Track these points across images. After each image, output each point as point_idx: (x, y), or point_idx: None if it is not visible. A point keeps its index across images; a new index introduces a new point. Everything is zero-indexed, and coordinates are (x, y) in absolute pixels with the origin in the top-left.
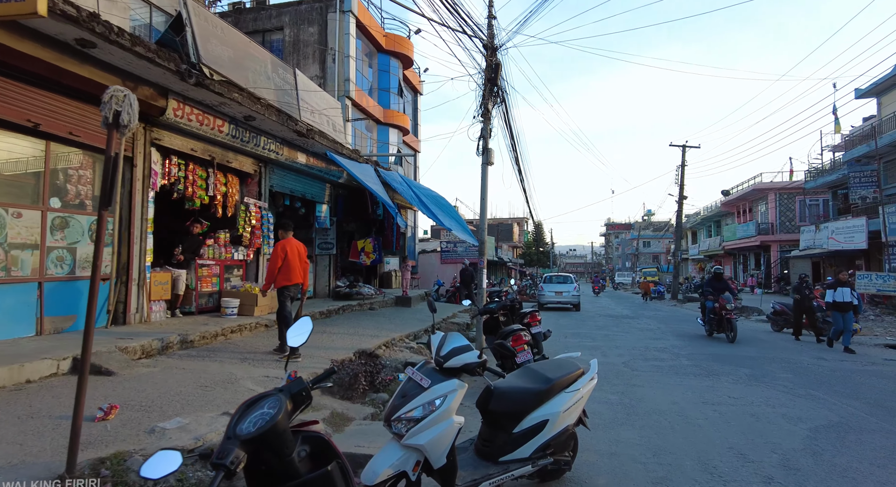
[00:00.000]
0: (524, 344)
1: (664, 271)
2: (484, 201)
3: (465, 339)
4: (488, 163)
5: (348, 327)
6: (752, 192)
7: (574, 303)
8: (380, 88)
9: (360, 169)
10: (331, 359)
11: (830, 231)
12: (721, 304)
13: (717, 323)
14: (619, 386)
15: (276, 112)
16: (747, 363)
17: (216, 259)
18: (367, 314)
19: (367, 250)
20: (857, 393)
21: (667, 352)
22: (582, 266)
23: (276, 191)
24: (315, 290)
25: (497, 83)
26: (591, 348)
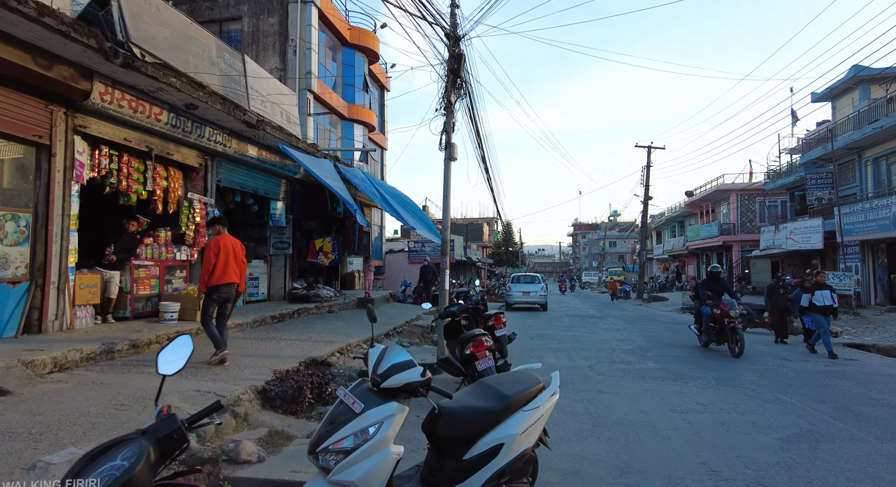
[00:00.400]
0: (485, 350)
1: (629, 270)
2: (447, 198)
3: (406, 354)
4: (451, 158)
5: (301, 332)
6: (715, 193)
7: (541, 303)
8: (344, 83)
9: (317, 164)
10: (273, 370)
11: (789, 231)
12: (723, 310)
13: (716, 332)
14: (584, 392)
15: (221, 100)
16: (713, 365)
17: (156, 259)
18: (325, 317)
19: (326, 250)
20: (823, 397)
21: (633, 354)
22: (550, 265)
23: (224, 186)
24: (269, 293)
25: (460, 74)
26: (557, 350)
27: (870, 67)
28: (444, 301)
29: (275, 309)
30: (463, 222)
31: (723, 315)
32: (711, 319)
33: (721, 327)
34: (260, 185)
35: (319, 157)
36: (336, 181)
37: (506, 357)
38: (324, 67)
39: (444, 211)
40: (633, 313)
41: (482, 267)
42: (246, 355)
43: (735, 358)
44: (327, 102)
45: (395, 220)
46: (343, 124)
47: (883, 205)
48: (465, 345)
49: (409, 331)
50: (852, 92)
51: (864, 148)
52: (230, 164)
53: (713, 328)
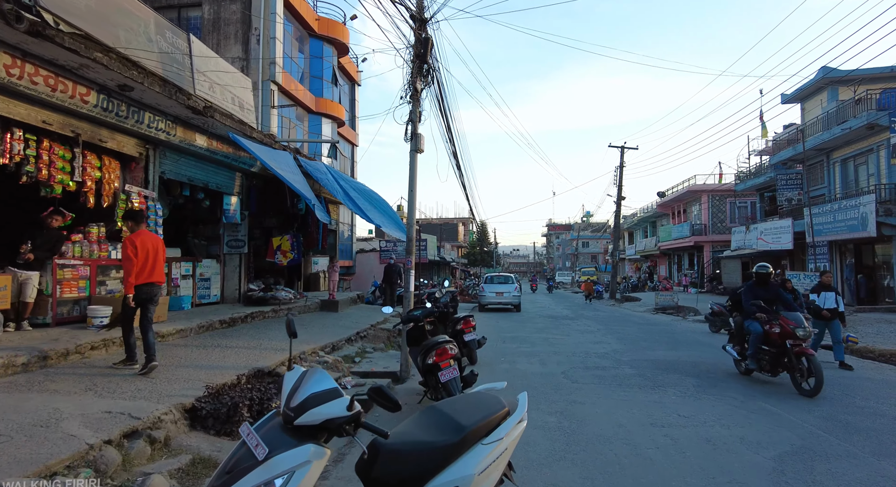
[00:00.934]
0: (450, 359)
1: (602, 271)
2: (412, 193)
3: (330, 380)
4: (417, 149)
5: (251, 338)
6: (687, 194)
7: (515, 304)
8: (312, 76)
9: (273, 155)
10: (205, 385)
11: (759, 232)
12: (785, 330)
13: (771, 359)
14: (558, 403)
15: (160, 82)
16: (691, 370)
17: (86, 258)
18: (282, 322)
19: (285, 248)
20: (811, 405)
21: (608, 358)
22: (525, 265)
23: (169, 178)
24: (223, 295)
25: (427, 60)
26: (530, 354)
27: (838, 69)
28: (409, 303)
29: (226, 312)
30: (438, 222)
31: (784, 335)
32: (765, 340)
33: (779, 352)
34: (211, 178)
35: (277, 149)
36: (295, 175)
37: (475, 363)
38: (290, 59)
39: (410, 206)
40: (607, 314)
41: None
42: (181, 365)
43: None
44: (293, 95)
45: None
46: (310, 118)
47: (852, 206)
48: (427, 354)
49: (373, 336)
50: (821, 93)
51: (832, 149)
52: (176, 155)
53: (767, 353)
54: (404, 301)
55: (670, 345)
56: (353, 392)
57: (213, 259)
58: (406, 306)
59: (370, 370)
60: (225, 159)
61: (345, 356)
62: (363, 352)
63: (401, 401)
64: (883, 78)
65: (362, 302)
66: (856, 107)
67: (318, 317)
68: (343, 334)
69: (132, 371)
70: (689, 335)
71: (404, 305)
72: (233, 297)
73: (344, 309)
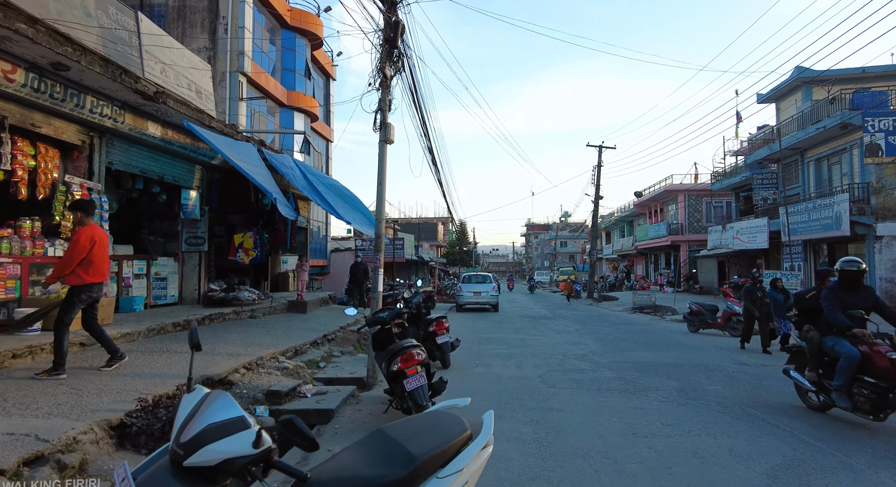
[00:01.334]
0: (416, 366)
1: (580, 270)
2: (381, 187)
3: (235, 407)
4: (387, 140)
5: (206, 342)
6: (664, 194)
7: (493, 304)
8: (284, 68)
9: (234, 147)
10: (137, 398)
11: (735, 231)
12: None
13: (879, 396)
14: (533, 410)
15: (100, 61)
16: (672, 372)
17: (16, 256)
18: (244, 324)
19: (247, 246)
20: (797, 411)
21: (587, 360)
22: (504, 265)
23: (119, 169)
24: (181, 295)
25: (397, 45)
26: (506, 356)
27: (812, 69)
28: (378, 304)
29: (182, 314)
30: (418, 221)
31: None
32: (866, 368)
33: (890, 387)
34: (168, 171)
35: (240, 140)
36: (258, 168)
37: (448, 366)
38: (260, 50)
39: (378, 201)
40: (585, 313)
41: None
42: (118, 374)
43: (691, 366)
44: (263, 87)
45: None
46: (282, 112)
47: (826, 205)
48: (392, 359)
49: (342, 338)
50: (795, 93)
51: (806, 148)
52: (125, 144)
53: (869, 386)
54: (372, 301)
55: (649, 346)
56: (313, 400)
57: (170, 257)
58: (374, 307)
59: (335, 376)
60: (182, 150)
61: (309, 360)
62: (329, 356)
63: (366, 411)
64: (855, 78)
65: (334, 303)
66: (830, 106)
67: (284, 319)
68: (309, 337)
69: (58, 381)
70: (667, 335)
71: (372, 306)
72: (192, 298)
73: (313, 311)
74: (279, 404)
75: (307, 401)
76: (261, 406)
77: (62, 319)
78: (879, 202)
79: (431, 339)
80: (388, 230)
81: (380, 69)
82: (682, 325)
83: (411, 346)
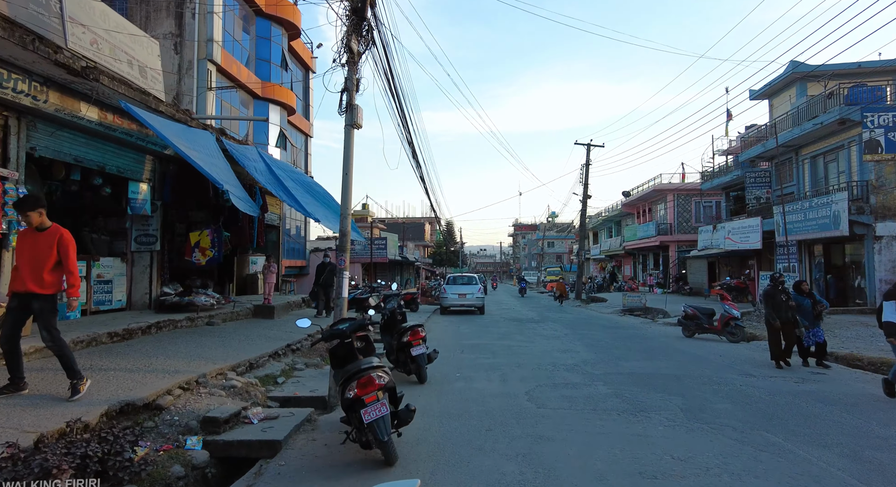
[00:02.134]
0: (376, 392)
1: (567, 270)
2: (347, 177)
3: None
4: (353, 124)
5: (144, 356)
6: (652, 193)
7: (478, 306)
8: (259, 58)
9: (186, 134)
10: (6, 443)
11: (727, 231)
12: None
13: None
14: (520, 439)
15: (2, 23)
16: (674, 387)
17: None
18: (197, 333)
19: (204, 245)
20: (823, 436)
21: (578, 372)
22: (492, 265)
23: (45, 157)
24: (130, 300)
25: (366, 16)
26: (489, 368)
27: (807, 64)
28: (342, 312)
29: (125, 322)
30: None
31: None
32: None
33: None
34: (110, 161)
35: (195, 128)
36: (213, 158)
37: (424, 381)
38: (232, 38)
39: (344, 193)
40: (573, 316)
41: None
42: (6, 403)
43: (693, 378)
44: (235, 77)
45: None
46: (256, 104)
47: (823, 204)
48: (347, 384)
49: (310, 349)
50: (789, 89)
51: (801, 146)
52: (52, 127)
53: None
54: (335, 309)
55: (645, 354)
56: (259, 427)
57: (116, 257)
58: (337, 314)
59: (293, 394)
60: (127, 137)
61: (266, 375)
62: (291, 370)
63: (322, 440)
64: (851, 74)
65: (309, 307)
66: (827, 101)
67: (246, 327)
68: (270, 347)
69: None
70: (662, 340)
71: (335, 314)
72: (142, 303)
73: (282, 316)
74: (216, 433)
75: (252, 429)
76: (193, 437)
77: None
78: (879, 201)
79: (406, 350)
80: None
81: (345, 43)
82: (676, 329)
83: (370, 368)
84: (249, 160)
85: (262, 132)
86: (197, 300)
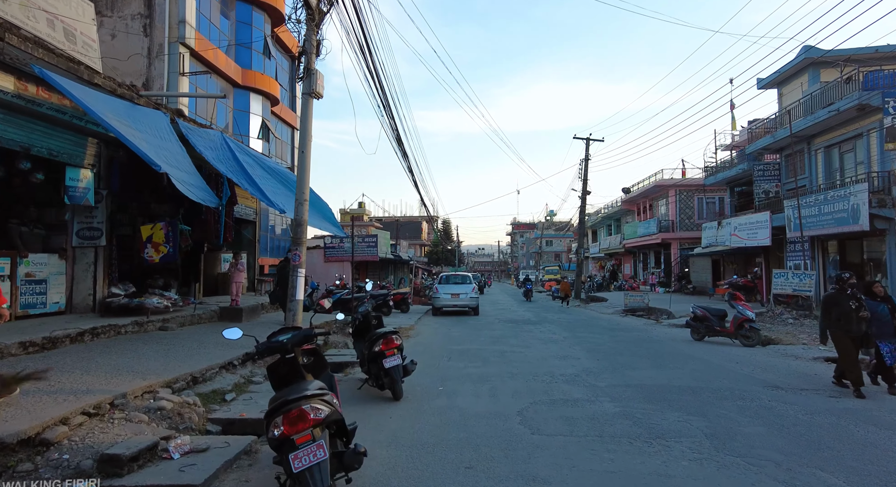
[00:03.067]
0: (309, 430)
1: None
2: (304, 154)
3: None
4: (312, 92)
5: (55, 373)
6: (653, 189)
7: (472, 306)
8: (238, 44)
9: (126, 111)
10: None
11: (733, 227)
12: None
13: None
14: (507, 481)
15: None
16: (692, 403)
17: None
18: (141, 340)
19: (157, 240)
20: (888, 472)
21: (580, 384)
22: (490, 264)
23: None
24: (71, 303)
25: None
26: (478, 379)
27: (820, 48)
28: (295, 317)
29: (50, 328)
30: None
31: None
32: None
33: None
34: (39, 141)
35: (143, 105)
36: (164, 140)
37: (399, 397)
38: (209, 21)
39: (300, 172)
40: (572, 317)
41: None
42: None
43: (712, 392)
44: (212, 63)
45: None
46: (236, 92)
47: (841, 197)
48: (272, 418)
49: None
50: (801, 76)
51: (814, 135)
52: None
53: None
54: (288, 314)
55: (653, 361)
56: (179, 464)
57: (53, 253)
58: (289, 321)
59: (238, 416)
60: (60, 115)
61: (212, 391)
62: (246, 384)
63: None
64: (868, 59)
65: None
66: (844, 86)
67: (204, 332)
68: (225, 356)
69: None
70: (669, 345)
71: (286, 319)
72: (85, 305)
73: (252, 319)
74: (118, 475)
75: (168, 468)
76: (85, 482)
77: None
78: None
79: (378, 361)
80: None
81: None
82: (683, 331)
83: (306, 397)
84: (210, 145)
85: (244, 123)
86: (148, 302)
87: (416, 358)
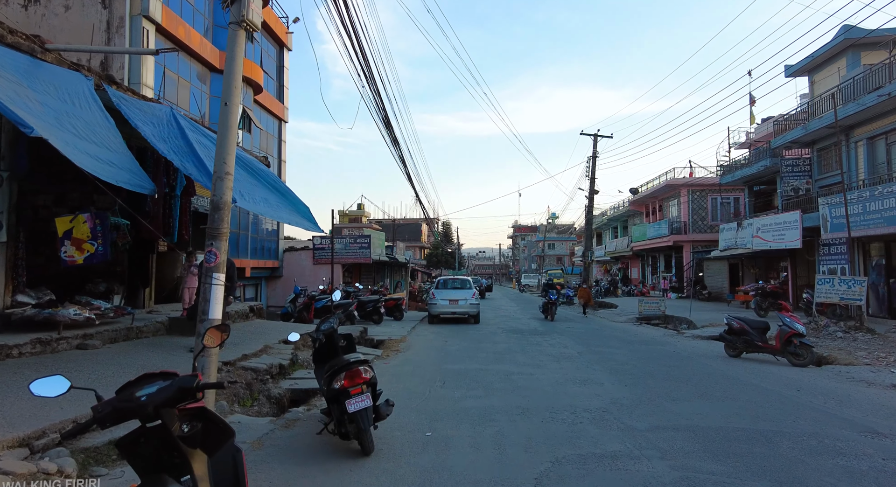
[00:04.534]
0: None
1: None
2: (228, 108)
3: None
4: (241, 22)
5: None
6: (664, 189)
7: (472, 314)
8: (216, 25)
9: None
10: None
11: (756, 228)
12: None
13: None
14: None
15: None
16: (774, 461)
17: None
18: (33, 365)
19: (80, 236)
20: None
21: (612, 426)
22: (491, 267)
23: None
24: None
25: None
26: (479, 418)
27: (862, 28)
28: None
29: None
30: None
31: None
32: None
33: None
34: None
35: (49, 62)
36: (77, 108)
37: (368, 452)
38: None
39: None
40: (583, 327)
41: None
42: None
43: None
44: (183, 42)
45: None
46: (213, 78)
47: (892, 192)
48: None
49: (240, 376)
50: (838, 60)
51: (853, 126)
52: None
53: None
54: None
55: (695, 387)
56: None
57: None
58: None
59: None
60: None
61: (107, 443)
62: None
63: None
64: None
65: (259, 317)
66: (893, 69)
67: (136, 351)
68: None
69: None
70: (704, 363)
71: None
72: None
73: None
74: None
75: None
76: None
77: None
78: None
79: (341, 402)
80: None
81: None
82: (711, 345)
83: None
84: (149, 121)
85: None
86: (61, 313)
87: (404, 382)
